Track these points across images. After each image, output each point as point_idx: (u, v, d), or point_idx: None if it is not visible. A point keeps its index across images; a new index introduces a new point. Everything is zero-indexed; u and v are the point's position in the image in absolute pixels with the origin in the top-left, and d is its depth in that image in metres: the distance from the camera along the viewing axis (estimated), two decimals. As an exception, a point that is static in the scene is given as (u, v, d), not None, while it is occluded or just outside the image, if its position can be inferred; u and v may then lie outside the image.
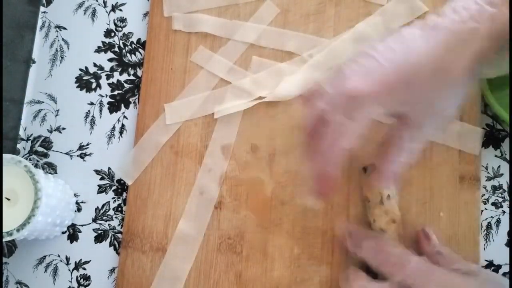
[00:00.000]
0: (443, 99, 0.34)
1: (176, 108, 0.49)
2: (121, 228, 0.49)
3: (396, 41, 0.33)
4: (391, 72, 0.33)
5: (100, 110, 0.52)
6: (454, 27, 0.32)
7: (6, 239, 0.42)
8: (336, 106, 0.34)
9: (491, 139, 0.46)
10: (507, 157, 0.46)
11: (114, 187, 0.50)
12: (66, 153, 0.52)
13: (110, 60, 0.53)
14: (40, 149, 0.52)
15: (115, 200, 0.50)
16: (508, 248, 0.45)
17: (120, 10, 0.54)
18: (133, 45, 0.53)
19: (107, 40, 0.53)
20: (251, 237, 0.46)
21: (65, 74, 0.53)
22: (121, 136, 0.51)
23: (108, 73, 0.53)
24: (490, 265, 0.44)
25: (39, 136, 0.52)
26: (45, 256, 0.50)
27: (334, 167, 0.35)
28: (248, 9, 0.50)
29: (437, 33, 0.33)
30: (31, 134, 0.52)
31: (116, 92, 0.52)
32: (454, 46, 0.32)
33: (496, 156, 0.46)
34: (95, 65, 0.53)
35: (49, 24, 0.54)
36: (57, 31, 0.54)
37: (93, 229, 0.50)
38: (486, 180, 0.45)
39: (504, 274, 0.44)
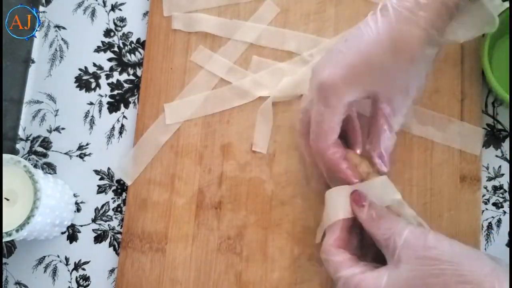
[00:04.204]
0: (405, 74, 0.36)
1: (176, 108, 0.49)
2: (120, 228, 0.49)
3: (352, 31, 0.37)
4: (352, 55, 0.36)
5: (100, 110, 0.52)
6: (400, 3, 0.35)
7: (5, 239, 0.42)
8: (313, 101, 0.38)
9: (492, 139, 0.46)
10: (508, 157, 0.46)
11: (113, 187, 0.50)
12: (65, 153, 0.51)
13: (110, 59, 0.53)
14: (40, 149, 0.52)
15: (114, 201, 0.50)
16: (508, 248, 0.44)
17: (120, 9, 0.53)
18: (132, 45, 0.53)
19: (106, 40, 0.53)
20: (251, 237, 0.46)
21: (64, 74, 0.53)
22: (121, 136, 0.51)
23: (108, 73, 0.52)
24: (491, 265, 0.44)
25: (39, 136, 0.52)
26: (45, 257, 0.50)
27: (330, 154, 0.38)
28: (248, 9, 0.50)
29: (385, 13, 0.35)
30: (31, 134, 0.52)
31: (115, 92, 0.52)
32: (403, 18, 0.34)
33: (497, 156, 0.46)
34: (94, 65, 0.53)
35: (49, 24, 0.54)
36: (56, 30, 0.54)
37: (93, 230, 0.50)
38: (486, 180, 0.45)
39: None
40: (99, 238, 0.50)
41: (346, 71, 0.36)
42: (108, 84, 0.52)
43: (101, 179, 0.51)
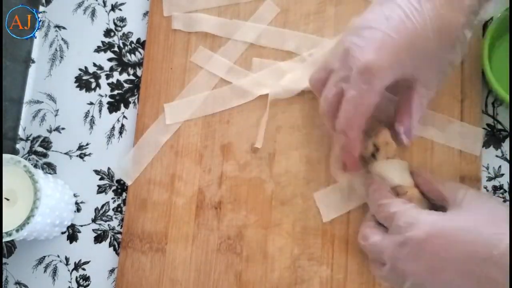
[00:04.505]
0: (447, 53, 0.37)
1: (176, 108, 0.49)
2: (120, 228, 0.49)
3: (391, 9, 0.36)
4: (400, 41, 0.36)
5: (100, 110, 0.52)
6: None
7: (5, 239, 0.42)
8: (350, 80, 0.37)
9: (492, 139, 0.46)
10: (508, 157, 0.45)
11: (113, 187, 0.50)
12: (65, 153, 0.51)
13: (110, 59, 0.53)
14: (40, 149, 0.52)
15: (114, 201, 0.50)
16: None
17: (120, 9, 0.53)
18: (132, 45, 0.53)
19: (106, 40, 0.53)
20: (251, 237, 0.46)
21: (64, 74, 0.53)
22: (121, 136, 0.51)
23: (108, 73, 0.52)
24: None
25: (39, 136, 0.52)
26: (45, 257, 0.50)
27: (355, 137, 0.39)
28: (248, 9, 0.50)
29: None
30: (31, 134, 0.52)
31: (115, 92, 0.52)
32: (449, 5, 0.35)
33: (497, 156, 0.46)
34: (94, 64, 0.53)
35: (49, 24, 0.54)
36: (56, 30, 0.54)
37: (93, 230, 0.50)
38: (487, 181, 0.45)
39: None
40: (99, 238, 0.50)
41: (392, 56, 0.36)
42: (108, 84, 0.52)
43: (101, 179, 0.51)
